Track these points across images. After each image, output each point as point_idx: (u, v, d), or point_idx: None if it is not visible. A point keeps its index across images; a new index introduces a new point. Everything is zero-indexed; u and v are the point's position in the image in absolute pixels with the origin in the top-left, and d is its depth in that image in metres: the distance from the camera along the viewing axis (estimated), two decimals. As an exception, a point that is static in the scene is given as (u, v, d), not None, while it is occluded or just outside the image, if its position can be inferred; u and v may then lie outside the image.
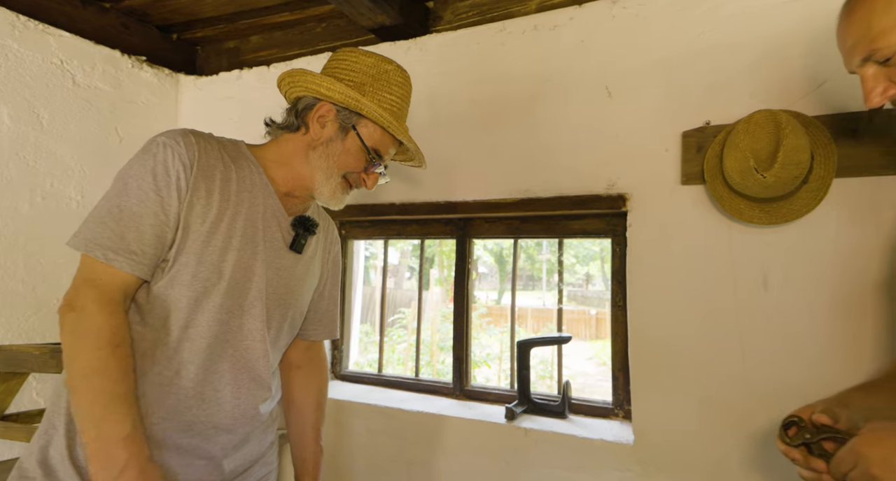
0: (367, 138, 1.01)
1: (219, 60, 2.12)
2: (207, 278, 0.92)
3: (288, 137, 1.03)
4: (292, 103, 1.04)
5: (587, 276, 15.68)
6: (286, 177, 1.03)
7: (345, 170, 1.02)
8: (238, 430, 0.98)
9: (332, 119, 1.00)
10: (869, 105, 0.76)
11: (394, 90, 1.04)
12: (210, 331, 0.92)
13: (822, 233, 1.19)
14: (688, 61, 1.34)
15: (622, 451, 1.34)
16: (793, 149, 1.10)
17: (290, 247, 1.04)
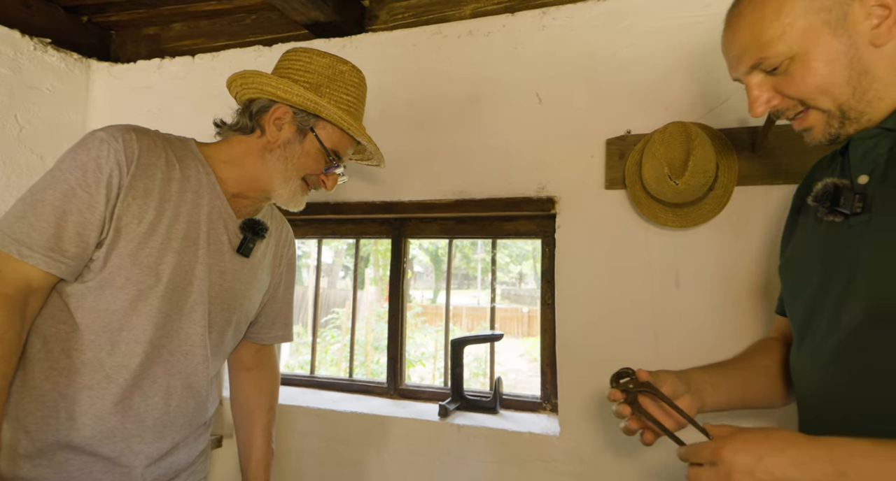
0: (325, 140, 1.00)
1: (136, 47, 1.98)
2: (143, 281, 0.89)
3: (240, 139, 1.01)
4: (245, 105, 1.01)
5: (520, 275, 16.16)
6: (237, 179, 1.01)
7: (304, 173, 1.01)
8: (167, 439, 0.95)
9: (288, 121, 0.98)
10: (753, 113, 0.75)
11: (350, 90, 1.03)
12: (145, 336, 0.90)
13: (725, 236, 1.31)
14: (610, 73, 1.43)
15: (548, 443, 1.40)
16: (701, 159, 1.21)
17: (237, 251, 1.01)
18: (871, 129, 0.69)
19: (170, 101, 1.88)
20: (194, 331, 0.96)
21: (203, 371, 0.98)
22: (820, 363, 0.71)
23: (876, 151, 0.69)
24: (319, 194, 1.71)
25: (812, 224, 0.79)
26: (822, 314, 0.72)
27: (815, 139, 0.73)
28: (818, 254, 0.75)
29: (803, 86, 0.68)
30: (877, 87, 0.66)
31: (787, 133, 1.25)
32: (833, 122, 0.69)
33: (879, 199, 0.66)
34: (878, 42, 0.65)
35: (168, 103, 1.88)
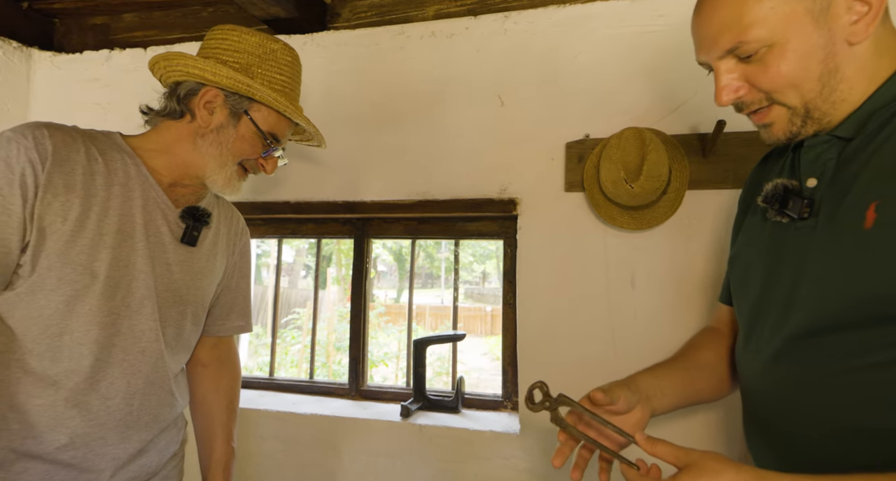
0: (261, 123, 0.97)
1: (83, 37, 1.88)
2: (77, 280, 0.85)
3: (170, 125, 0.97)
4: (171, 88, 0.97)
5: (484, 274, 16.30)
6: (170, 167, 0.97)
7: (240, 157, 0.98)
8: (133, 439, 0.92)
9: (220, 105, 0.95)
10: (719, 102, 0.70)
11: (283, 70, 0.99)
12: (90, 337, 0.86)
13: (677, 238, 1.37)
14: (569, 78, 1.46)
15: (509, 441, 1.43)
16: (655, 163, 1.25)
17: (181, 241, 0.98)
18: (823, 136, 0.69)
19: (120, 95, 1.80)
20: (147, 326, 0.93)
21: (162, 367, 0.95)
22: (763, 364, 0.73)
23: (826, 156, 0.69)
24: (279, 193, 1.69)
25: (759, 221, 0.80)
26: (766, 317, 0.73)
27: (773, 136, 0.71)
28: (763, 253, 0.77)
29: (777, 77, 0.65)
30: (842, 88, 0.65)
31: (734, 140, 1.32)
32: (796, 120, 0.67)
33: (826, 205, 0.67)
34: (853, 39, 0.63)
35: (118, 97, 1.80)
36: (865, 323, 0.61)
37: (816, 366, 0.66)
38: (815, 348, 0.66)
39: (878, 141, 0.64)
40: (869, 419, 0.62)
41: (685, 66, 1.38)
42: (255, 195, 1.70)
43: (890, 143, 0.62)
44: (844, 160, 0.67)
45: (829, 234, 0.66)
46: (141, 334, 0.92)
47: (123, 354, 0.90)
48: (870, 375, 0.62)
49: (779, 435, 0.72)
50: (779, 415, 0.71)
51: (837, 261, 0.64)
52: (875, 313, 0.60)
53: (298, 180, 1.66)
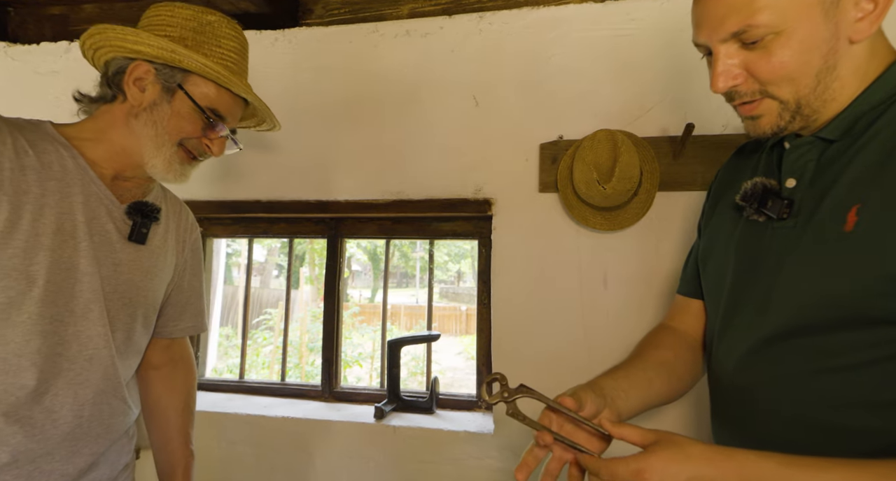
0: (199, 98, 0.89)
1: (39, 27, 1.80)
2: (11, 287, 0.78)
3: (104, 109, 0.90)
4: (103, 70, 0.90)
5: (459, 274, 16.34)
6: (110, 157, 0.90)
7: (179, 137, 0.90)
8: (83, 453, 0.87)
9: (151, 80, 0.87)
10: (715, 88, 0.67)
11: (223, 43, 0.92)
12: (31, 347, 0.80)
13: (648, 239, 1.39)
14: (543, 79, 1.47)
15: (483, 441, 1.43)
16: (626, 165, 1.27)
17: (129, 239, 0.92)
18: (807, 137, 0.69)
19: (80, 88, 1.72)
20: (95, 332, 0.87)
21: (113, 373, 0.90)
22: (735, 363, 0.73)
23: (806, 157, 0.69)
24: (251, 192, 1.65)
25: (732, 217, 0.79)
26: (739, 316, 0.73)
27: (759, 128, 0.69)
28: (736, 251, 0.76)
29: (779, 67, 0.63)
30: (835, 87, 0.65)
31: (702, 142, 1.35)
32: (785, 115, 0.66)
33: (806, 207, 0.67)
34: (855, 37, 0.63)
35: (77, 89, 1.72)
36: (842, 325, 0.61)
37: (790, 367, 0.66)
38: (789, 349, 0.66)
39: (859, 144, 0.64)
40: (842, 419, 0.62)
41: (656, 70, 1.41)
42: (226, 193, 1.66)
43: (872, 146, 0.62)
44: (825, 162, 0.67)
45: (808, 236, 0.65)
46: (88, 341, 0.86)
47: (69, 364, 0.85)
48: (844, 377, 0.62)
49: (748, 435, 0.72)
50: (749, 415, 0.71)
51: (816, 263, 0.63)
52: (852, 316, 0.60)
53: (270, 179, 1.63)
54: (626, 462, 0.59)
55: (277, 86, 1.63)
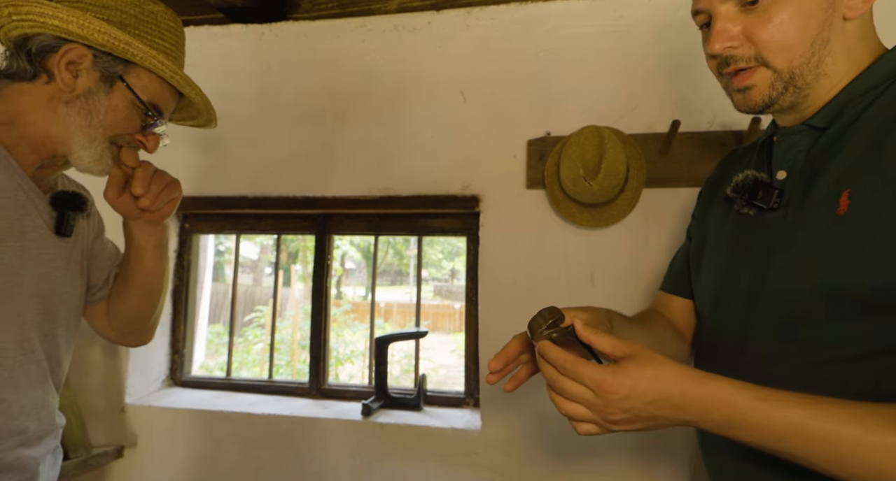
0: (141, 91, 0.81)
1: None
2: None
3: (19, 89, 0.78)
4: (17, 44, 0.78)
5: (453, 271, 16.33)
6: (34, 144, 0.79)
7: (114, 133, 0.82)
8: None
9: (88, 67, 0.78)
10: (711, 49, 0.67)
11: (166, 36, 0.84)
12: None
13: (635, 235, 1.39)
14: (531, 75, 1.46)
15: (470, 437, 1.43)
16: (613, 162, 1.27)
17: (57, 232, 0.83)
18: (798, 126, 0.69)
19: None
20: (36, 334, 0.79)
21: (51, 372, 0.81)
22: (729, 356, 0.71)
23: (796, 148, 0.69)
24: (237, 188, 1.64)
25: (720, 214, 0.79)
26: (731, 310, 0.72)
27: (751, 100, 0.69)
28: (726, 246, 0.76)
29: (777, 31, 0.64)
30: (828, 61, 0.65)
31: (688, 139, 1.35)
32: (777, 85, 0.66)
33: (796, 195, 0.67)
34: (849, 14, 0.64)
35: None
36: (840, 315, 0.60)
37: (785, 359, 0.65)
38: (784, 341, 0.65)
39: (849, 133, 0.64)
40: None
41: (644, 67, 1.41)
42: (212, 189, 1.64)
43: (861, 133, 0.63)
44: (815, 153, 0.67)
45: (800, 222, 0.65)
46: (28, 343, 0.78)
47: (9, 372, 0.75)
48: (841, 369, 0.61)
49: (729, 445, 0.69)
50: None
51: (811, 249, 0.63)
52: (850, 304, 0.59)
53: (257, 174, 1.62)
54: (595, 369, 0.58)
55: (264, 80, 1.62)
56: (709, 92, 1.34)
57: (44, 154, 0.81)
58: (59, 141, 0.80)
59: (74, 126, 0.79)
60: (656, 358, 0.58)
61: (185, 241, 1.78)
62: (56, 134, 0.80)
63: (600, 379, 0.57)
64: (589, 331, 0.62)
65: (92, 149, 0.81)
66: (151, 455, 1.57)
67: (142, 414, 1.59)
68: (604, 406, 0.57)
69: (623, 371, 0.57)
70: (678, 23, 1.38)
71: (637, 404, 0.56)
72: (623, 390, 0.56)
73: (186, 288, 1.78)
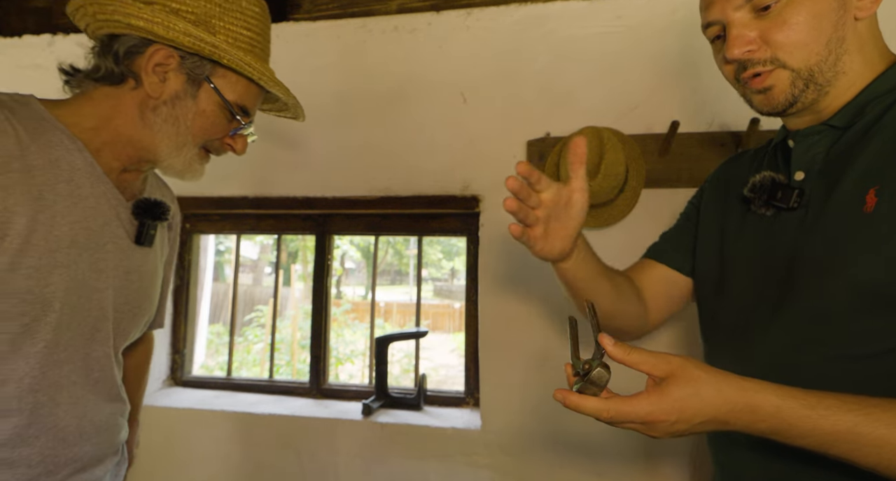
0: (227, 92, 0.77)
1: (22, 20, 1.78)
2: (25, 313, 0.67)
3: (107, 92, 0.75)
4: (102, 42, 0.75)
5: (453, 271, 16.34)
6: (115, 148, 0.76)
7: (203, 139, 0.79)
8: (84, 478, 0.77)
9: (174, 69, 0.75)
10: (730, 54, 0.68)
11: (251, 24, 0.79)
12: (44, 381, 0.70)
13: (635, 235, 1.39)
14: (531, 76, 1.47)
15: (470, 437, 1.43)
16: (612, 162, 1.27)
17: (137, 242, 0.81)
18: (818, 126, 0.70)
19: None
20: (102, 353, 0.77)
21: (118, 394, 0.82)
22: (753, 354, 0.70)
23: (815, 149, 0.69)
24: (238, 188, 1.64)
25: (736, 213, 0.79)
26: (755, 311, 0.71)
27: (773, 100, 0.69)
28: (745, 248, 0.75)
29: (792, 32, 0.65)
30: (845, 60, 0.67)
31: (688, 140, 1.35)
32: (798, 83, 0.67)
33: (817, 194, 0.67)
34: (860, 14, 0.66)
35: (61, 84, 1.71)
36: (865, 311, 0.60)
37: (812, 357, 0.64)
38: (811, 339, 0.64)
39: (871, 133, 0.65)
40: None
41: (643, 67, 1.41)
42: (213, 189, 1.65)
43: (885, 132, 0.63)
44: (835, 153, 0.68)
45: (824, 221, 0.65)
46: (95, 364, 0.77)
47: (82, 391, 0.76)
48: (869, 366, 0.60)
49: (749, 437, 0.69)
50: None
51: (838, 247, 0.62)
52: (875, 299, 0.59)
53: (257, 174, 1.62)
54: (638, 405, 0.55)
55: (265, 81, 1.62)
56: (708, 93, 1.34)
57: (129, 160, 0.79)
58: (146, 148, 0.77)
59: (162, 133, 0.76)
60: (694, 374, 0.56)
61: (186, 241, 1.78)
62: (143, 141, 0.77)
63: (646, 414, 0.55)
64: (622, 352, 0.58)
65: (181, 156, 0.79)
66: (152, 454, 1.57)
67: (142, 413, 1.58)
68: (653, 431, 0.57)
69: (666, 396, 0.55)
70: (677, 24, 1.38)
71: (685, 427, 0.56)
72: (672, 417, 0.55)
73: (187, 288, 1.79)
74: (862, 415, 0.53)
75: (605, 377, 0.57)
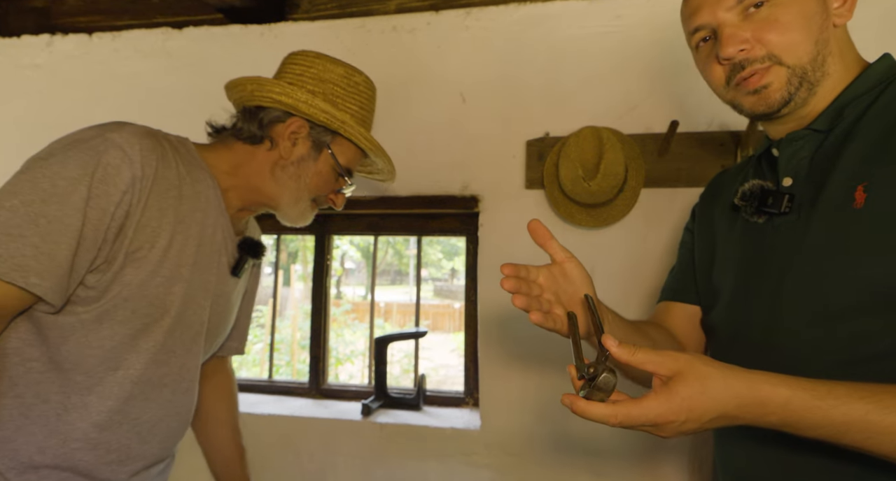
0: (341, 157, 0.94)
1: (21, 20, 1.78)
2: (149, 314, 0.79)
3: (245, 148, 0.92)
4: (251, 111, 0.92)
5: (453, 271, 16.33)
6: (240, 192, 0.92)
7: (315, 193, 0.95)
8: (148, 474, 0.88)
9: (304, 136, 0.92)
10: (724, 53, 0.68)
11: (364, 103, 0.98)
12: (145, 375, 0.81)
13: (634, 235, 1.39)
14: (529, 76, 1.47)
15: (470, 437, 1.43)
16: (612, 162, 1.27)
17: (232, 272, 0.94)
18: (801, 130, 0.71)
19: (63, 82, 1.71)
20: (194, 364, 0.89)
21: (194, 403, 0.93)
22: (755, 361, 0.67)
23: (801, 154, 0.70)
24: (236, 188, 1.64)
25: (726, 225, 0.79)
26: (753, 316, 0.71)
27: (768, 99, 0.69)
28: (738, 257, 0.75)
29: (785, 29, 0.67)
30: (830, 61, 0.69)
31: (687, 140, 1.35)
32: (794, 80, 0.68)
33: (807, 196, 0.68)
34: (838, 21, 0.69)
35: (61, 84, 1.71)
36: (864, 310, 0.60)
37: (814, 359, 0.64)
38: (811, 341, 0.64)
39: (855, 131, 0.66)
40: None
41: (642, 67, 1.41)
42: (211, 190, 1.64)
43: (867, 131, 0.64)
44: (821, 155, 0.69)
45: (816, 223, 0.65)
46: (186, 373, 0.88)
47: (171, 395, 0.86)
48: (870, 368, 0.60)
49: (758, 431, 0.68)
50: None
51: (833, 247, 0.63)
52: (874, 297, 0.59)
53: (256, 175, 1.62)
54: (646, 409, 0.54)
55: (264, 81, 1.62)
56: (707, 92, 1.32)
57: (249, 202, 0.94)
58: (269, 196, 0.93)
59: (285, 187, 0.92)
60: (702, 370, 0.55)
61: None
62: (269, 191, 0.92)
63: (656, 415, 0.54)
64: (627, 353, 0.56)
65: (297, 207, 0.94)
66: (151, 455, 1.57)
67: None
68: (662, 431, 0.56)
69: (675, 395, 0.54)
70: (676, 23, 1.35)
71: (695, 426, 0.55)
72: (682, 417, 0.54)
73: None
74: (873, 403, 0.52)
75: (612, 382, 0.56)
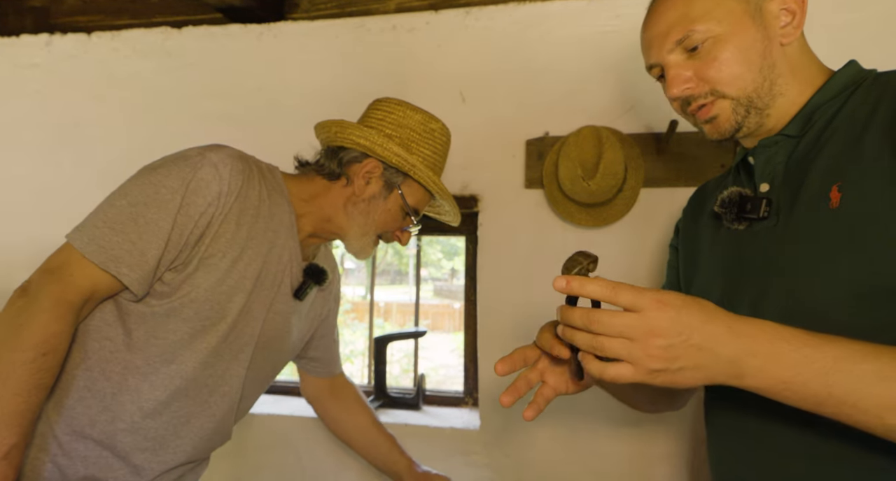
0: (409, 198, 1.00)
1: (20, 20, 1.78)
2: (209, 317, 0.87)
3: (323, 183, 1.00)
4: (333, 150, 1.00)
5: (453, 271, 16.32)
6: (313, 219, 1.00)
7: (382, 230, 1.01)
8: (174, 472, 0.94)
9: (377, 176, 0.98)
10: (670, 94, 0.73)
11: (437, 149, 1.03)
12: (193, 373, 0.88)
13: (634, 235, 1.39)
14: (529, 76, 1.47)
15: (469, 437, 1.43)
16: (611, 162, 1.27)
17: (294, 294, 1.00)
18: (773, 136, 0.72)
19: (61, 82, 1.71)
20: (237, 372, 0.94)
21: (233, 410, 0.98)
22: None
23: (775, 160, 0.72)
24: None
25: (708, 234, 0.80)
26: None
27: (719, 128, 0.73)
28: (718, 262, 0.76)
29: (723, 67, 0.70)
30: (780, 82, 0.71)
31: (686, 139, 1.35)
32: (739, 110, 0.71)
33: (785, 200, 0.69)
34: (784, 41, 0.71)
35: (59, 84, 1.71)
36: (847, 308, 0.60)
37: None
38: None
39: (824, 137, 0.67)
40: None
41: (642, 66, 1.40)
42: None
43: (838, 134, 0.66)
44: (794, 160, 0.70)
45: (795, 224, 0.66)
46: (230, 378, 0.93)
47: (209, 395, 0.92)
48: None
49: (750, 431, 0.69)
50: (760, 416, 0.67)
51: (808, 246, 0.64)
52: (857, 296, 0.59)
53: (255, 175, 1.62)
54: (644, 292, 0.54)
55: (262, 80, 1.62)
56: (707, 91, 1.34)
57: (320, 230, 1.02)
58: (339, 227, 1.00)
59: (355, 221, 0.99)
60: (680, 296, 0.55)
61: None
62: (339, 223, 1.00)
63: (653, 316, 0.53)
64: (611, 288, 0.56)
65: (363, 240, 1.01)
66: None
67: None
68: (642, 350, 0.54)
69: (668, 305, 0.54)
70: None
71: (679, 351, 0.53)
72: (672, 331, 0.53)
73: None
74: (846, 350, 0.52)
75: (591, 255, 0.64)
